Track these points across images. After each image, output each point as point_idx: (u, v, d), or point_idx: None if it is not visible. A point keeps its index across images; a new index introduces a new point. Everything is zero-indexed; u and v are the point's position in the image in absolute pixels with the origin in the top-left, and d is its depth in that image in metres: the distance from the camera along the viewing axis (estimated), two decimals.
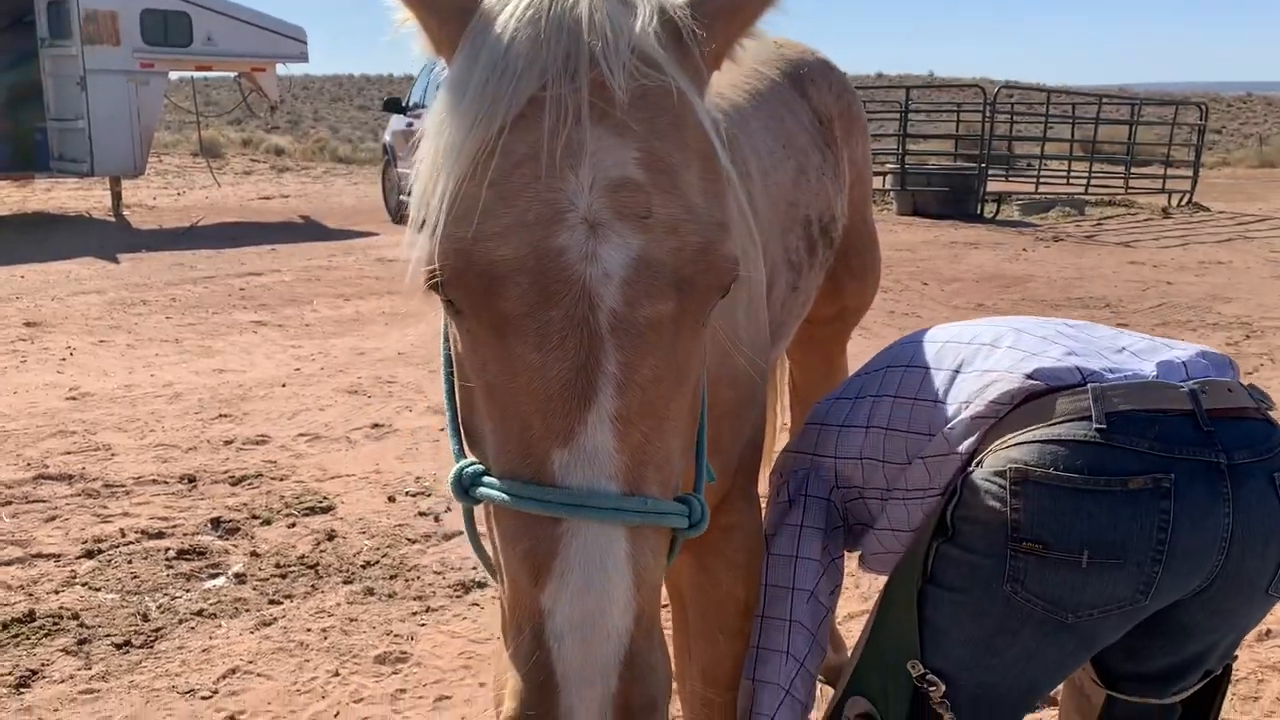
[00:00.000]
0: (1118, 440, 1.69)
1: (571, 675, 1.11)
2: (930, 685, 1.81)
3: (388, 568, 4.62)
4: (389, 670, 3.77)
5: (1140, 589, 1.69)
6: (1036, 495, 1.70)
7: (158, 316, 9.74)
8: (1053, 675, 1.87)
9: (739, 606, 2.03)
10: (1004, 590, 1.73)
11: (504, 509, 1.22)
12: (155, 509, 5.26)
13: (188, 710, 3.50)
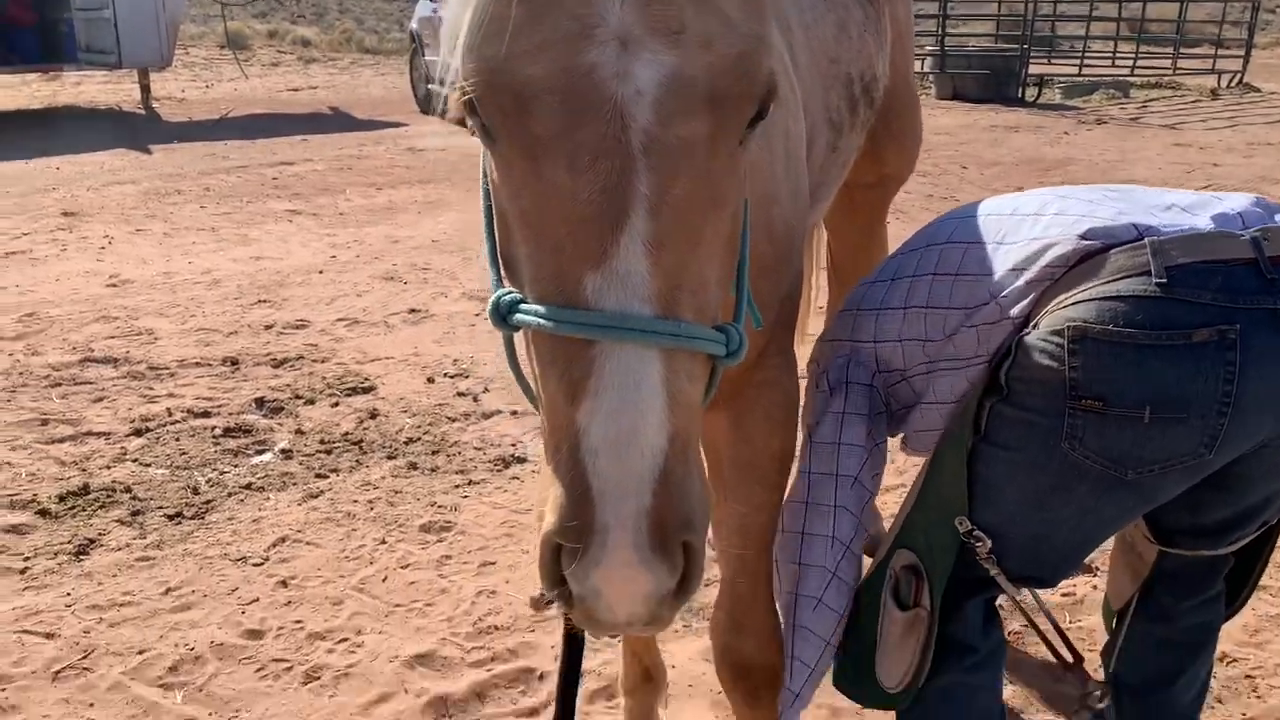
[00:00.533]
0: (1179, 293, 1.64)
1: (607, 489, 1.11)
2: (976, 541, 1.81)
3: (429, 444, 4.69)
4: (434, 538, 3.86)
5: (1204, 443, 1.66)
6: (1096, 353, 1.66)
7: (192, 205, 9.76)
8: (1107, 530, 1.86)
9: (775, 460, 2.02)
10: (1062, 448, 1.70)
11: (540, 334, 1.21)
12: (200, 390, 5.35)
13: (240, 576, 3.61)
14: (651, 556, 1.11)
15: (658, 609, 1.15)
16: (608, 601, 1.13)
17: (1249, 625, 3.07)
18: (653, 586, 1.12)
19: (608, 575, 1.11)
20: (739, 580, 2.02)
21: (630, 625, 1.16)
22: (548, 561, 1.17)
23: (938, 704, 1.97)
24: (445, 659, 3.12)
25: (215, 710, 2.90)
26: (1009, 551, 1.82)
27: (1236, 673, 2.87)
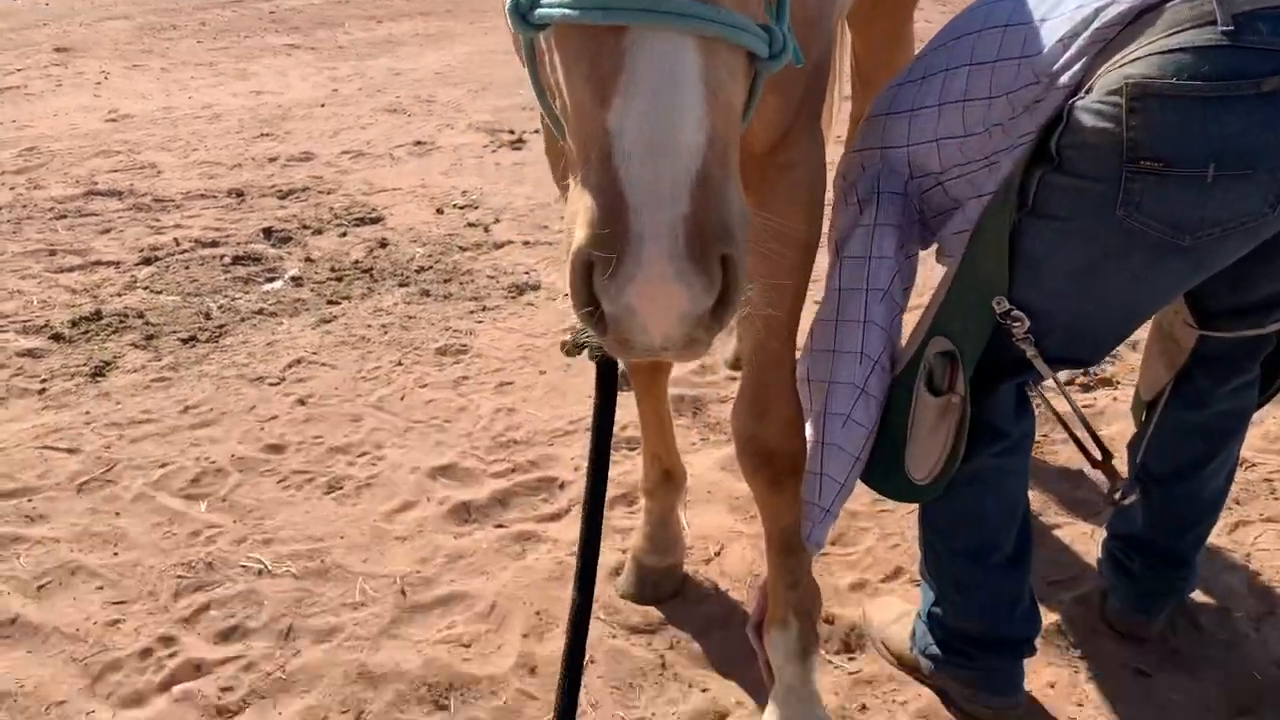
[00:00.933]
0: (1247, 40, 1.52)
1: (641, 196, 1.02)
2: (1014, 321, 1.75)
3: (441, 272, 4.64)
4: (450, 360, 3.84)
5: (1270, 202, 1.56)
6: (1158, 109, 1.55)
7: (189, 41, 9.48)
8: (1155, 303, 1.81)
9: (799, 245, 1.93)
10: (1117, 215, 1.61)
11: (565, 30, 1.11)
12: (206, 221, 5.27)
13: (258, 395, 3.61)
14: (689, 268, 1.03)
15: (694, 329, 1.07)
16: (643, 320, 1.06)
17: (1269, 433, 3.06)
18: (689, 304, 1.05)
19: (643, 291, 1.04)
20: (761, 369, 1.97)
21: (666, 348, 1.09)
22: (578, 279, 1.08)
23: (964, 489, 1.96)
24: (466, 470, 3.14)
25: (239, 518, 2.94)
26: (1049, 331, 1.77)
27: (1255, 476, 2.88)
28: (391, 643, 2.44)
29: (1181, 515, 2.24)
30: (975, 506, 2.01)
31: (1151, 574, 2.29)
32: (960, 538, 2.05)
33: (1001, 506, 2.03)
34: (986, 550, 2.04)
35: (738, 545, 2.73)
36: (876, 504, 2.88)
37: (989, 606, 2.08)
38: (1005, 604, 2.08)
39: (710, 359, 3.79)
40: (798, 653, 1.97)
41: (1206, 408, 2.10)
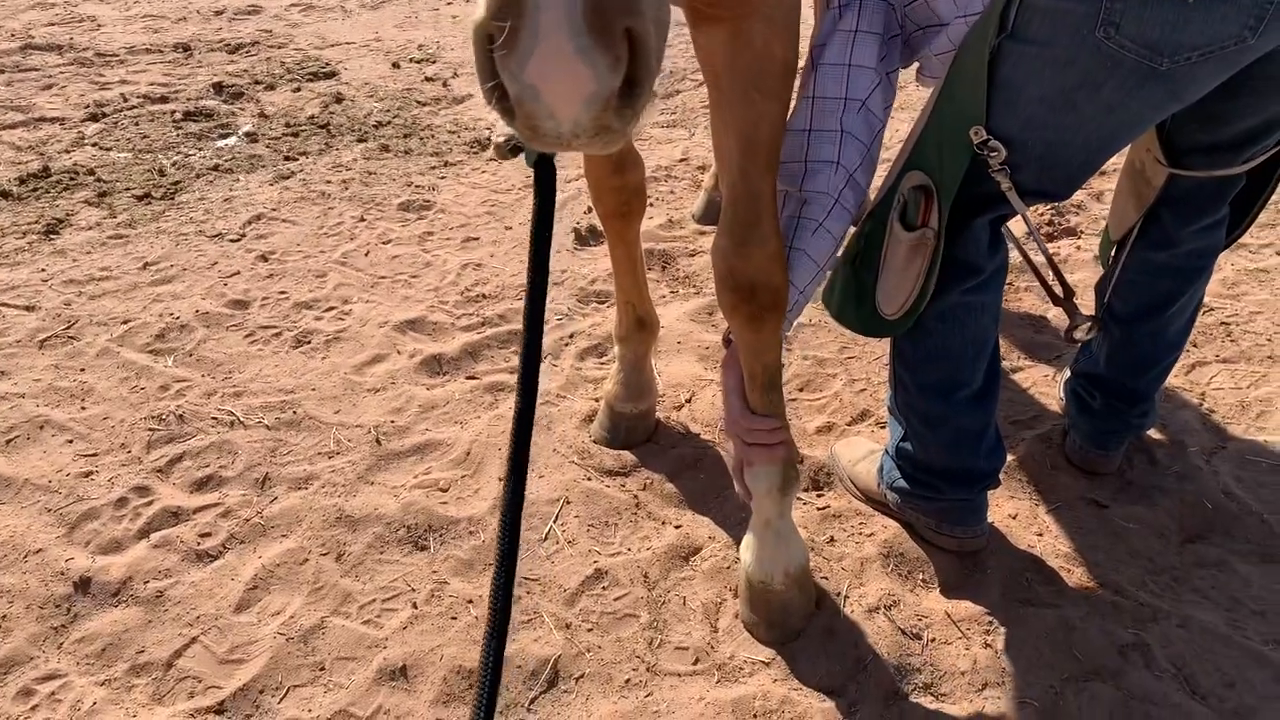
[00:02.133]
0: None
1: None
2: (991, 151, 1.73)
3: (400, 127, 4.53)
4: (414, 216, 3.78)
5: (1249, 25, 1.52)
6: None
7: None
8: (1128, 133, 1.76)
9: (777, 66, 1.86)
10: (1095, 37, 1.57)
11: None
12: (153, 76, 5.08)
13: (219, 251, 3.54)
14: (591, 45, 0.98)
15: (603, 114, 1.03)
16: (548, 103, 1.02)
17: (1227, 279, 3.12)
18: (594, 83, 1.00)
19: (541, 66, 0.99)
20: (742, 200, 1.93)
21: (577, 135, 1.05)
22: (481, 54, 1.04)
23: (935, 324, 1.98)
24: (435, 324, 3.13)
25: (208, 372, 2.92)
26: (1024, 163, 1.76)
27: (1213, 320, 2.94)
28: (368, 488, 2.47)
29: (1144, 354, 2.28)
30: (945, 342, 2.03)
31: (1111, 411, 2.34)
32: (930, 373, 2.07)
33: (971, 342, 2.04)
34: (955, 385, 2.06)
35: (707, 392, 2.76)
36: (844, 351, 2.92)
37: (955, 441, 2.12)
38: (971, 438, 2.12)
39: (678, 213, 3.77)
40: (778, 487, 2.01)
41: (1173, 247, 2.12)
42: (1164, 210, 2.09)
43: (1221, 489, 2.33)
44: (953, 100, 1.80)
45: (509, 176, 4.08)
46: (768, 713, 1.89)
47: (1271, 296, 3.03)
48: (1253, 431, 2.52)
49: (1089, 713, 1.84)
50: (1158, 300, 2.19)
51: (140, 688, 2.00)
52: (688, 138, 4.42)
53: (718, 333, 3.07)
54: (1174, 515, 2.27)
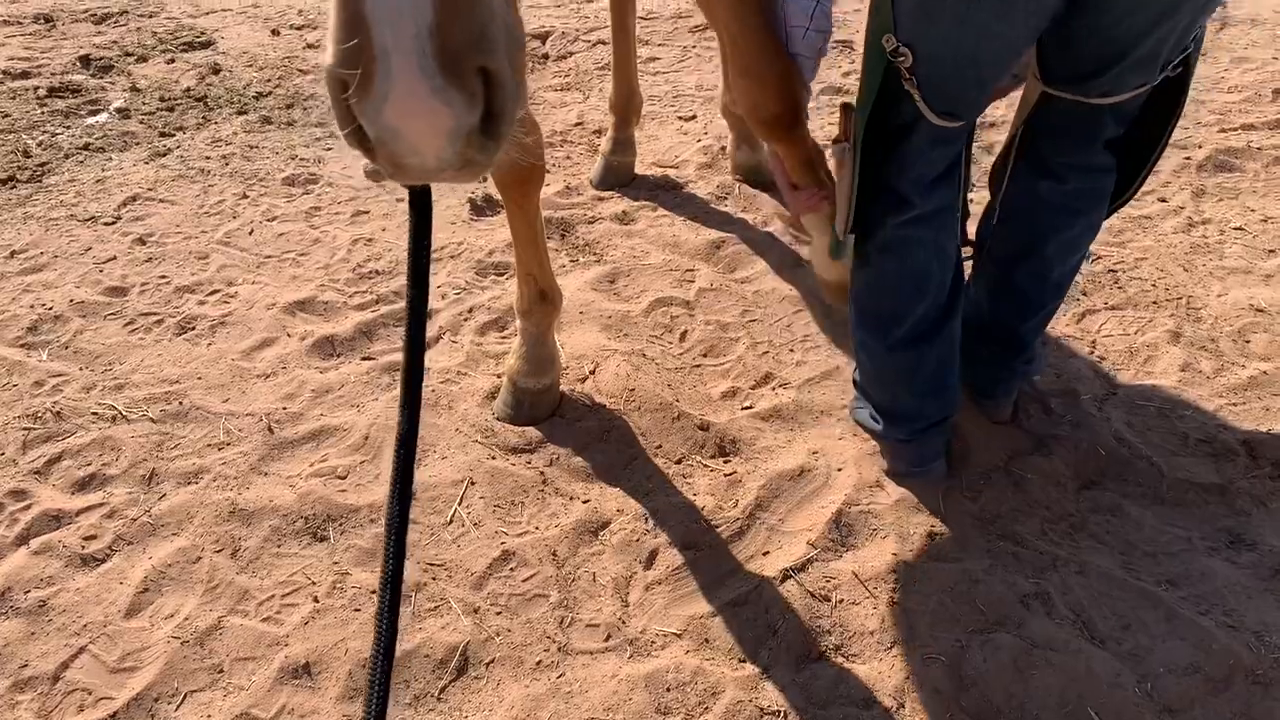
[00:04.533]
0: None
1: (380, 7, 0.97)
2: (900, 58, 1.82)
3: (282, 98, 4.36)
4: (300, 191, 3.65)
5: None
6: None
7: None
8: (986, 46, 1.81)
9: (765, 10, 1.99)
10: None
11: None
12: (14, 50, 4.80)
13: (92, 235, 3.37)
14: (445, 85, 0.98)
15: (465, 149, 1.04)
16: (409, 142, 1.01)
17: (1112, 226, 3.18)
18: (450, 120, 1.00)
19: (398, 109, 0.99)
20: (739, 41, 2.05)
21: (442, 170, 1.05)
22: (335, 100, 1.03)
23: (875, 255, 2.09)
24: (327, 304, 3.03)
25: (86, 365, 2.78)
26: (922, 80, 1.83)
27: (1100, 268, 3.00)
28: (262, 480, 2.38)
29: (1024, 298, 2.29)
30: (881, 276, 2.11)
31: (995, 359, 2.38)
32: (869, 305, 2.16)
33: (908, 277, 2.08)
34: (892, 320, 2.12)
35: (611, 363, 2.72)
36: (745, 314, 2.91)
37: (892, 379, 2.20)
38: (906, 377, 2.18)
39: (576, 180, 3.71)
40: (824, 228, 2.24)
41: (1051, 179, 2.13)
42: (1041, 138, 2.13)
43: (1114, 434, 2.39)
44: (872, 15, 1.88)
45: None
46: (681, 685, 1.88)
47: (1155, 243, 3.11)
48: (1141, 376, 2.59)
49: (993, 663, 1.88)
50: (1036, 236, 2.20)
51: (25, 704, 1.90)
52: (582, 101, 4.35)
53: (621, 301, 3.03)
54: (1069, 463, 2.31)
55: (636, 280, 3.13)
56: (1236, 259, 3.01)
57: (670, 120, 4.14)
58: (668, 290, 3.05)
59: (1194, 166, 3.49)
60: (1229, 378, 2.56)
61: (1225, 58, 4.31)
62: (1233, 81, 4.08)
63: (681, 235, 3.33)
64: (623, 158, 3.72)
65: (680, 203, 3.55)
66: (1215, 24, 4.66)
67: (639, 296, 3.04)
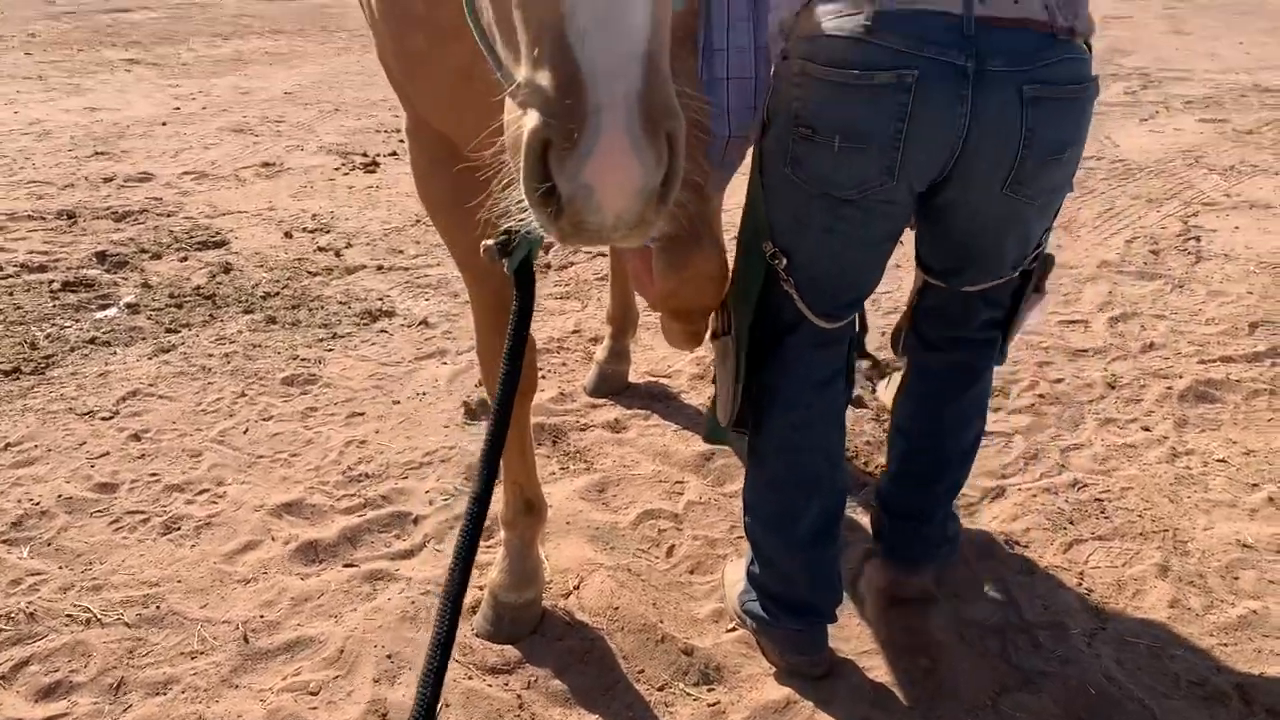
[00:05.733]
0: (877, 37, 1.80)
1: (599, 69, 1.10)
2: (777, 260, 2.04)
3: (289, 299, 4.48)
4: (298, 391, 3.70)
5: (885, 171, 1.87)
6: (811, 86, 1.87)
7: (15, 53, 8.95)
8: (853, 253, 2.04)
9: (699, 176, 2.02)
10: (786, 172, 1.95)
11: None
12: (34, 244, 4.97)
13: (88, 430, 3.40)
14: (644, 142, 1.11)
15: (644, 207, 1.15)
16: (599, 198, 1.12)
17: (1098, 454, 3.22)
18: (642, 178, 1.12)
19: (600, 164, 1.10)
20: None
21: (618, 228, 1.16)
22: (534, 156, 1.14)
23: (769, 455, 2.24)
24: (314, 507, 3.02)
25: (66, 564, 2.75)
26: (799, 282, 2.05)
27: (1086, 496, 3.02)
28: (233, 693, 2.32)
29: (928, 468, 2.47)
30: (777, 475, 2.25)
31: (909, 531, 2.54)
32: (763, 504, 2.29)
33: (800, 480, 2.24)
34: (785, 519, 2.26)
35: (597, 578, 2.70)
36: (734, 530, 2.90)
37: (788, 573, 2.30)
38: (803, 571, 2.29)
39: (570, 386, 3.77)
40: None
41: (934, 351, 2.38)
42: (925, 316, 2.37)
43: (1104, 673, 2.34)
44: (749, 220, 2.13)
45: (399, 349, 4.05)
46: None
47: (1140, 472, 3.14)
48: (1130, 611, 2.56)
49: None
50: (933, 407, 2.41)
51: None
52: (580, 309, 4.47)
53: (609, 511, 3.03)
54: (1059, 702, 2.26)
55: (626, 490, 3.14)
56: (1221, 492, 3.03)
57: None
58: (657, 502, 3.06)
59: (1175, 396, 3.56)
60: (1219, 616, 2.53)
61: (1201, 290, 4.47)
62: (1210, 314, 4.22)
63: (672, 446, 3.37)
64: (617, 366, 3.80)
65: (672, 412, 3.60)
66: (1190, 258, 4.86)
67: (627, 507, 3.04)
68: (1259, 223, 5.37)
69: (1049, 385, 3.68)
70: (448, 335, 4.18)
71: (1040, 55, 1.82)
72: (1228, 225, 5.34)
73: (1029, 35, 1.82)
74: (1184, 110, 7.99)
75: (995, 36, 1.80)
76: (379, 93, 7.90)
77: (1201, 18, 12.99)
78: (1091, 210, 5.63)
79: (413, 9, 1.89)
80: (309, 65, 8.92)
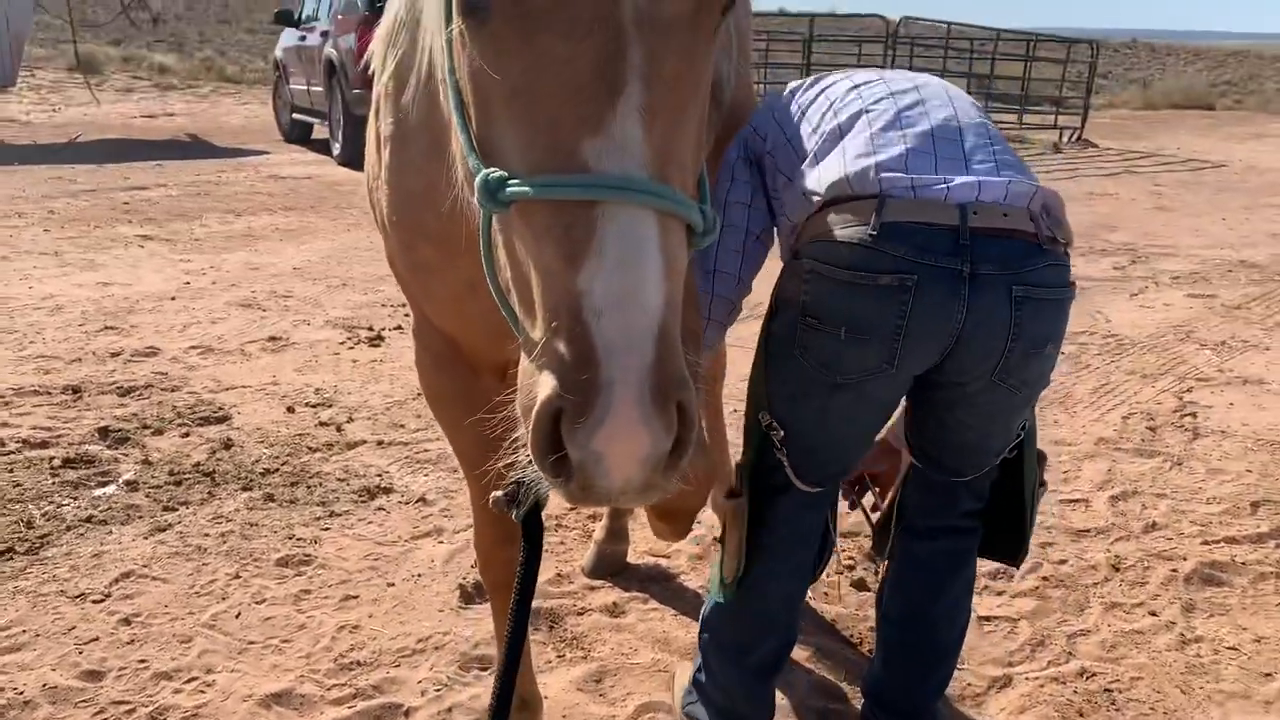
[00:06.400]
0: (883, 246, 2.01)
1: (613, 346, 1.15)
2: (774, 431, 2.24)
3: (288, 475, 4.48)
4: (292, 572, 3.66)
5: (886, 359, 2.07)
6: (818, 283, 2.09)
7: (34, 229, 9.22)
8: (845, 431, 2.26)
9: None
10: (794, 354, 2.15)
11: (533, 206, 1.24)
12: (37, 419, 5.00)
13: (78, 614, 3.35)
14: (653, 415, 1.15)
15: (653, 473, 1.19)
16: (608, 465, 1.16)
17: (1106, 641, 3.16)
18: (651, 446, 1.16)
19: (610, 434, 1.15)
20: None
21: (625, 492, 1.20)
22: (545, 426, 1.18)
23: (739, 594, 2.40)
24: (303, 697, 2.95)
25: None
26: (791, 452, 2.24)
27: (1096, 686, 2.95)
28: None
29: (917, 661, 2.55)
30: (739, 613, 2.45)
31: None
32: (722, 630, 2.51)
33: (762, 619, 2.45)
34: (739, 650, 2.48)
35: None
36: None
37: (728, 688, 2.52)
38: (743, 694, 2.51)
39: (569, 567, 3.73)
40: None
41: (923, 539, 2.50)
42: (911, 503, 2.52)
43: None
44: (751, 390, 2.35)
45: (396, 527, 4.03)
46: None
47: (1149, 660, 3.07)
48: None
49: None
50: (921, 595, 2.51)
51: None
52: None
53: (606, 703, 2.95)
54: None
55: (624, 680, 3.06)
56: (1234, 681, 2.96)
57: None
58: (656, 694, 2.98)
59: (1181, 579, 3.53)
60: None
61: (1201, 469, 4.48)
62: (1210, 493, 4.21)
63: (672, 632, 3.31)
64: (615, 546, 3.77)
65: (671, 595, 3.56)
66: (1188, 434, 4.88)
67: (625, 700, 2.97)
68: (1253, 398, 5.43)
69: (1052, 567, 3.65)
70: (445, 513, 4.16)
71: (1027, 261, 2.03)
72: (1223, 401, 5.39)
73: (1017, 244, 2.03)
74: (1172, 285, 8.18)
75: (987, 244, 2.01)
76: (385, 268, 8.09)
77: (1184, 194, 13.45)
78: (1087, 385, 5.70)
79: (425, 223, 1.95)
80: (319, 241, 9.18)
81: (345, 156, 13.69)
